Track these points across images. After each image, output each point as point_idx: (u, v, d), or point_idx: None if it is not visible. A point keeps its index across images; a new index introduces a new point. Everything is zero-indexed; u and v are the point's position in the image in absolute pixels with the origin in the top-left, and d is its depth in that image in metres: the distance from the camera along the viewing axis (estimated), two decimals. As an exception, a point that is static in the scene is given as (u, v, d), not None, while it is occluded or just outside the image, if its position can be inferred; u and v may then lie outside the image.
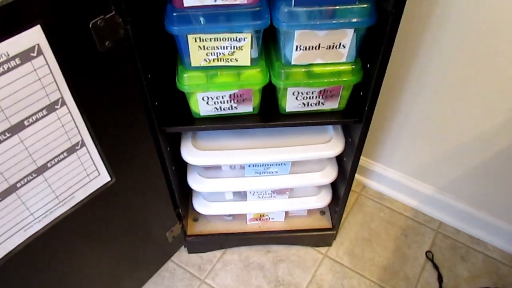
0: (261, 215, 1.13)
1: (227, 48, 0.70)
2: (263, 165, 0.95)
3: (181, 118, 0.82)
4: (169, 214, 1.01)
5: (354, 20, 0.66)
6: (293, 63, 0.73)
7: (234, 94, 0.78)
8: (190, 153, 0.90)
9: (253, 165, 0.95)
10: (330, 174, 0.98)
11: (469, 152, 1.06)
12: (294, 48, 0.70)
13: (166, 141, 0.87)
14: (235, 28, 0.67)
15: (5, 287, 0.68)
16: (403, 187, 1.24)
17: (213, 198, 1.06)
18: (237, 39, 0.68)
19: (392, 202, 1.28)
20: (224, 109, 0.81)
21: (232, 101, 0.79)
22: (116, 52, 0.61)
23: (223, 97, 0.78)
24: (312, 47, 0.71)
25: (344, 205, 1.04)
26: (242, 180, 0.98)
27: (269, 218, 1.14)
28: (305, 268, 1.14)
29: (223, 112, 0.81)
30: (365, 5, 0.65)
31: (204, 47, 0.69)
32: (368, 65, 0.74)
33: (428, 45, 0.92)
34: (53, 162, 0.62)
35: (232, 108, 0.81)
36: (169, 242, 1.08)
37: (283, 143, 0.92)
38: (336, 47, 0.71)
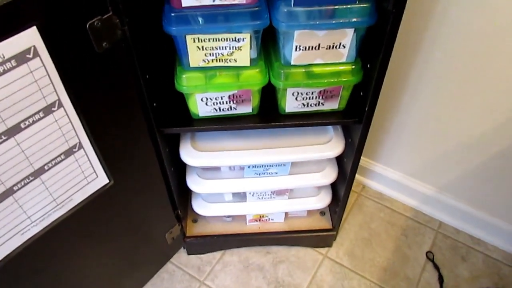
0: (260, 216, 1.12)
1: (226, 48, 0.69)
2: (262, 166, 0.94)
3: (179, 119, 0.82)
4: (168, 215, 1.01)
5: (354, 20, 0.66)
6: (292, 63, 0.72)
7: (233, 95, 0.77)
8: (189, 154, 0.89)
9: (253, 166, 0.94)
10: (330, 175, 0.97)
11: (469, 152, 1.05)
12: (294, 48, 0.70)
13: (165, 142, 0.86)
14: (234, 28, 0.66)
15: (2, 290, 0.67)
16: (403, 187, 1.24)
17: (212, 199, 1.05)
18: (236, 39, 0.68)
19: (392, 202, 1.28)
20: (223, 109, 0.80)
21: (231, 102, 0.79)
22: (113, 53, 0.61)
23: (222, 98, 0.78)
24: (312, 47, 0.70)
25: (344, 206, 1.03)
26: (241, 181, 0.97)
27: (268, 219, 1.14)
28: (305, 269, 1.14)
29: (222, 113, 0.81)
30: (365, 4, 0.65)
31: (202, 47, 0.69)
32: (368, 65, 0.74)
33: (428, 44, 0.92)
34: (50, 165, 0.61)
35: (231, 109, 0.80)
36: (168, 243, 1.07)
37: (283, 143, 0.91)
38: (336, 47, 0.71)
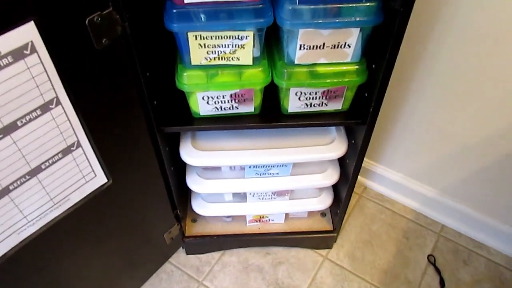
0: (260, 217, 1.11)
1: (228, 46, 0.68)
2: (263, 166, 0.93)
3: (180, 118, 0.81)
4: (167, 215, 0.99)
5: (360, 19, 0.64)
6: (296, 62, 0.71)
7: (235, 94, 0.76)
8: (190, 153, 0.88)
9: (254, 166, 0.93)
10: (332, 176, 0.96)
11: (472, 155, 1.04)
12: (298, 47, 0.69)
13: (165, 141, 0.85)
14: (237, 26, 0.65)
15: (-2, 290, 0.66)
16: (404, 189, 1.23)
17: (212, 199, 1.04)
18: (239, 37, 0.67)
19: (394, 204, 1.27)
20: (224, 109, 0.79)
21: (233, 101, 0.77)
22: (113, 50, 0.59)
23: (223, 97, 0.76)
24: (316, 46, 0.69)
25: (346, 207, 1.02)
26: (242, 181, 0.96)
27: (269, 220, 1.12)
28: (305, 271, 1.12)
29: (223, 112, 0.79)
30: (372, 3, 0.63)
31: (204, 45, 0.67)
32: (374, 66, 0.73)
33: (434, 46, 0.90)
34: (47, 164, 0.60)
35: (232, 108, 0.79)
36: (167, 243, 1.06)
37: (285, 144, 0.90)
38: (341, 47, 0.69)
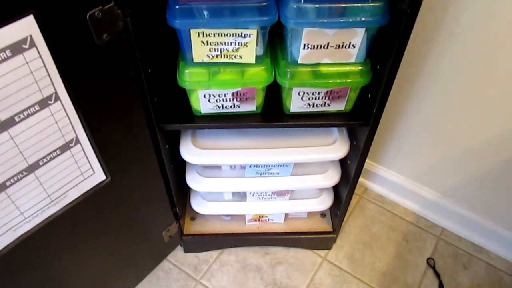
0: (260, 216, 1.10)
1: (231, 44, 0.67)
2: (264, 166, 0.92)
3: (181, 115, 0.80)
4: (166, 213, 0.99)
5: (366, 19, 0.63)
6: (299, 62, 0.70)
7: (237, 92, 0.75)
8: (190, 152, 0.87)
9: (254, 166, 0.92)
10: (333, 177, 0.95)
11: (474, 159, 1.03)
12: (302, 46, 0.68)
13: (165, 138, 0.84)
14: (241, 23, 0.64)
15: (-6, 287, 0.65)
16: (405, 191, 1.22)
17: (211, 197, 1.03)
18: (242, 35, 0.66)
19: (394, 206, 1.26)
20: (226, 107, 0.78)
21: (235, 100, 0.76)
22: (114, 46, 0.58)
23: (225, 95, 0.75)
24: (321, 46, 0.68)
25: (346, 209, 1.01)
26: (242, 180, 0.95)
27: (268, 219, 1.12)
28: (304, 272, 1.12)
29: (225, 111, 0.78)
30: (378, 3, 0.62)
31: (207, 42, 0.66)
32: (378, 67, 0.72)
33: (439, 47, 0.89)
34: (45, 160, 0.59)
35: (234, 107, 0.78)
36: (165, 241, 1.05)
37: (286, 144, 0.89)
38: (345, 47, 0.68)
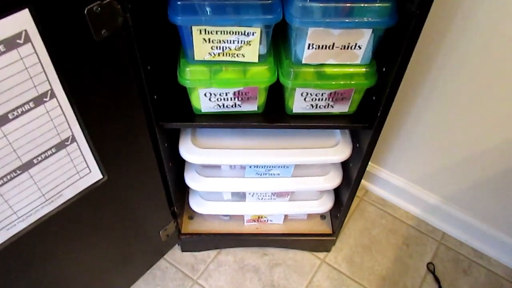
0: (259, 217, 1.09)
1: (234, 42, 0.65)
2: (264, 166, 0.90)
3: (181, 113, 0.78)
4: (164, 212, 0.97)
5: (373, 19, 0.62)
6: (303, 62, 0.68)
7: (239, 92, 0.73)
8: (189, 151, 0.85)
9: (254, 166, 0.90)
10: (334, 180, 0.93)
11: (478, 164, 1.02)
12: (306, 46, 0.66)
13: (164, 137, 0.82)
14: (244, 21, 0.62)
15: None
16: (407, 194, 1.20)
17: (210, 197, 1.02)
18: (246, 33, 0.64)
19: (395, 209, 1.24)
20: (227, 106, 0.76)
21: (236, 99, 0.74)
22: (113, 42, 0.56)
23: (226, 94, 0.73)
24: (326, 46, 0.66)
25: (347, 212, 1.00)
26: (242, 180, 0.93)
27: (267, 220, 1.10)
28: (302, 274, 1.10)
29: (225, 110, 0.77)
30: (386, 4, 0.61)
31: (209, 40, 0.64)
32: (384, 69, 0.70)
33: (446, 51, 0.87)
34: (39, 159, 0.57)
35: (235, 106, 0.76)
36: (162, 241, 1.03)
37: (287, 145, 0.87)
38: (351, 48, 0.66)
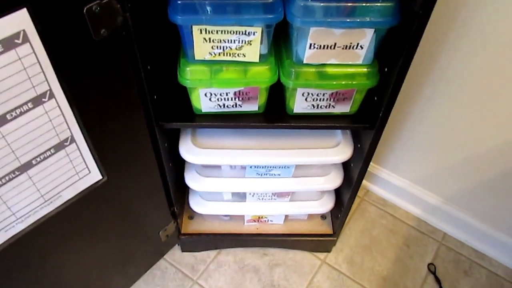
0: (259, 217, 1.08)
1: (234, 42, 0.65)
2: (265, 167, 0.90)
3: (181, 113, 0.77)
4: (164, 213, 0.97)
5: (375, 19, 0.61)
6: (305, 62, 0.68)
7: (240, 92, 0.72)
8: (189, 151, 0.84)
9: (255, 167, 0.90)
10: (335, 180, 0.93)
11: (479, 165, 1.01)
12: (308, 46, 0.65)
13: (164, 137, 0.82)
14: (245, 21, 0.61)
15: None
16: (408, 194, 1.20)
17: (210, 197, 1.01)
18: (246, 33, 0.63)
19: (396, 209, 1.24)
20: (227, 106, 0.75)
21: (237, 99, 0.74)
22: (112, 42, 0.56)
23: (227, 94, 0.73)
24: (327, 46, 0.65)
25: (347, 212, 0.99)
26: (242, 181, 0.93)
27: (267, 220, 1.10)
28: (302, 274, 1.10)
29: (226, 110, 0.76)
30: (388, 3, 0.60)
31: (209, 39, 0.64)
32: (386, 69, 0.69)
33: (448, 52, 0.87)
34: (38, 159, 0.56)
35: (236, 106, 0.75)
36: (162, 241, 1.03)
37: (288, 145, 0.87)
38: (353, 48, 0.66)
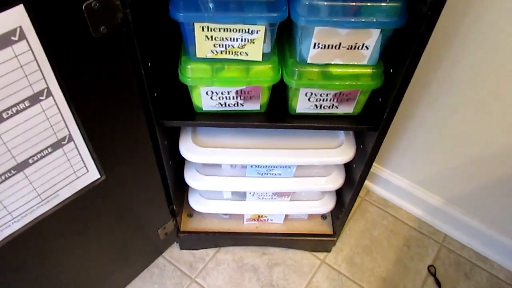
0: (259, 216, 1.08)
1: (237, 40, 0.63)
2: (266, 166, 0.89)
3: (181, 111, 0.76)
4: (163, 211, 0.96)
5: (382, 19, 0.60)
6: (308, 61, 0.66)
7: (241, 91, 0.71)
8: (190, 149, 0.83)
9: (256, 166, 0.89)
10: (336, 181, 0.92)
11: (482, 166, 1.00)
12: (312, 45, 0.64)
13: (164, 135, 0.80)
14: (248, 19, 0.60)
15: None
16: (409, 195, 1.19)
17: (210, 195, 1.00)
18: (249, 31, 0.62)
19: (397, 210, 1.23)
20: (229, 105, 0.74)
21: (239, 98, 0.73)
22: (112, 39, 0.54)
23: (229, 93, 0.71)
24: (332, 46, 0.64)
25: (348, 213, 0.98)
26: (242, 180, 0.92)
27: (267, 220, 1.09)
28: (301, 274, 1.09)
29: (227, 109, 0.75)
30: (396, 3, 0.59)
31: (212, 37, 0.62)
32: (391, 70, 0.68)
33: (455, 53, 0.85)
34: (35, 158, 0.55)
35: (237, 105, 0.74)
36: (160, 239, 1.02)
37: (290, 145, 0.86)
38: (358, 48, 0.64)
